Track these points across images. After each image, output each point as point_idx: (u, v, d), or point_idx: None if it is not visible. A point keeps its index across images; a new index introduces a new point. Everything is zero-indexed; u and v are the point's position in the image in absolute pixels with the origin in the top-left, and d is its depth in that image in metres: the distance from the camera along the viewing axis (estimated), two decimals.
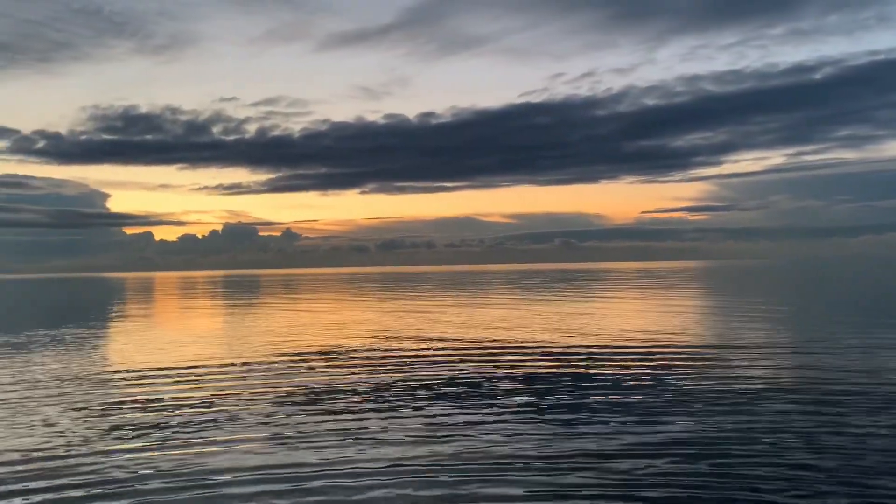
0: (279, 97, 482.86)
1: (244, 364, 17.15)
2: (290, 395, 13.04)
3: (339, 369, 16.07)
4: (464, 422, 10.54)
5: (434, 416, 10.97)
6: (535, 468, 8.17)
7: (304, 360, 17.61)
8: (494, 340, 21.12)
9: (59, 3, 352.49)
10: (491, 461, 8.47)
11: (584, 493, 7.34)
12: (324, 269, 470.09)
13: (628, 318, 28.39)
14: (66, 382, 14.93)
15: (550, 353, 17.90)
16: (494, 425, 10.28)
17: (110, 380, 15.29)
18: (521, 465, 8.30)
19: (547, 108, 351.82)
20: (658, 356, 16.98)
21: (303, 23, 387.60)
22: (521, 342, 20.51)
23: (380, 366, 16.49)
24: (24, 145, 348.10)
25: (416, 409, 11.53)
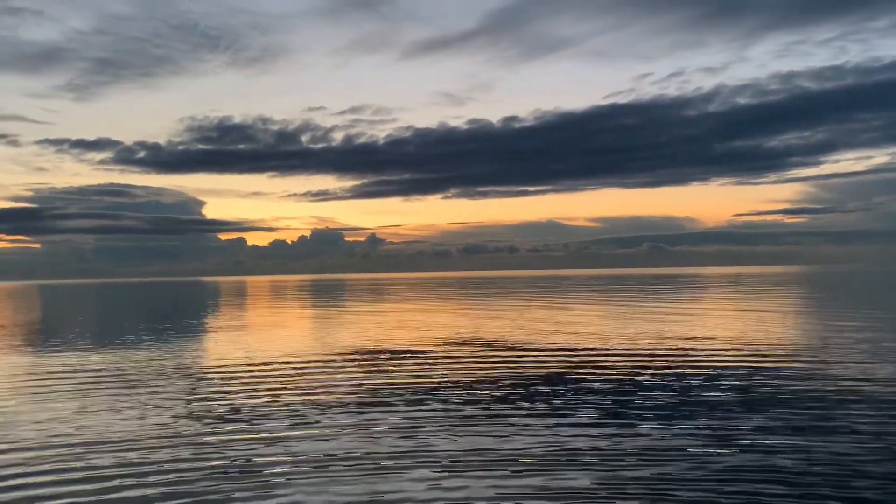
0: (364, 105, 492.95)
1: (332, 361, 17.78)
2: (372, 390, 13.45)
3: (425, 368, 16.41)
4: (553, 423, 10.65)
5: (517, 415, 11.15)
6: (614, 464, 8.22)
7: (389, 359, 18.06)
8: (581, 344, 21.00)
9: (160, 20, 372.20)
10: (561, 461, 8.58)
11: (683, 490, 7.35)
12: (407, 273, 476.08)
13: (721, 323, 27.62)
14: (167, 375, 15.99)
15: (638, 357, 17.69)
16: (571, 427, 10.36)
17: (208, 373, 16.23)
18: (593, 459, 8.38)
19: (634, 109, 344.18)
20: (752, 363, 16.53)
21: (387, 32, 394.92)
22: (610, 346, 20.31)
23: (465, 365, 16.73)
24: (126, 156, 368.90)
25: (497, 407, 11.74)
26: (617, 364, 16.72)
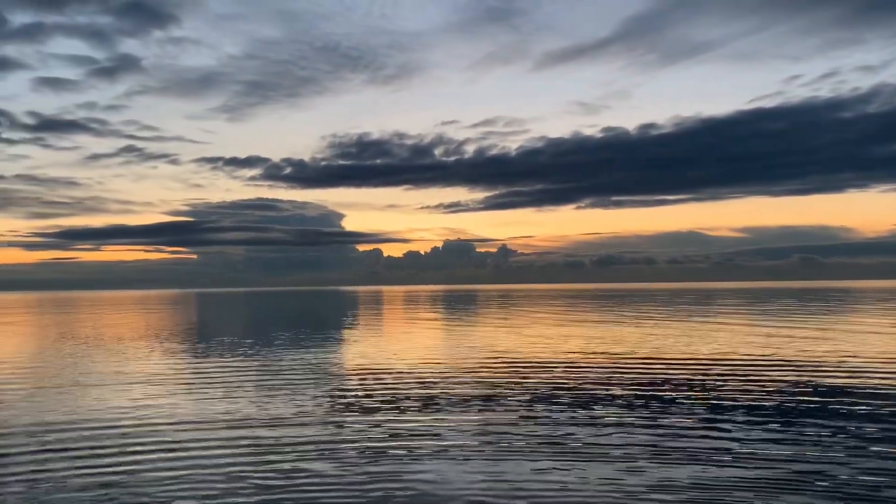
0: (497, 118, 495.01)
1: (462, 367, 17.66)
2: (493, 398, 13.21)
3: (556, 380, 15.90)
4: (711, 447, 9.85)
5: (663, 427, 10.41)
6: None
7: (518, 370, 17.67)
8: (726, 359, 19.64)
9: (304, 43, 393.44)
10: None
11: None
12: (538, 284, 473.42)
13: (883, 342, 24.99)
14: (313, 372, 16.82)
15: (802, 372, 16.23)
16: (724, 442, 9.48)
17: (348, 373, 16.77)
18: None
19: (782, 112, 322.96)
20: None
21: (520, 44, 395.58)
22: (758, 363, 18.86)
23: (602, 378, 16.05)
24: (273, 172, 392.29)
25: (638, 421, 11.03)
26: (780, 378, 15.39)
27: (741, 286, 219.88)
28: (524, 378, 16.53)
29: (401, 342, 26.93)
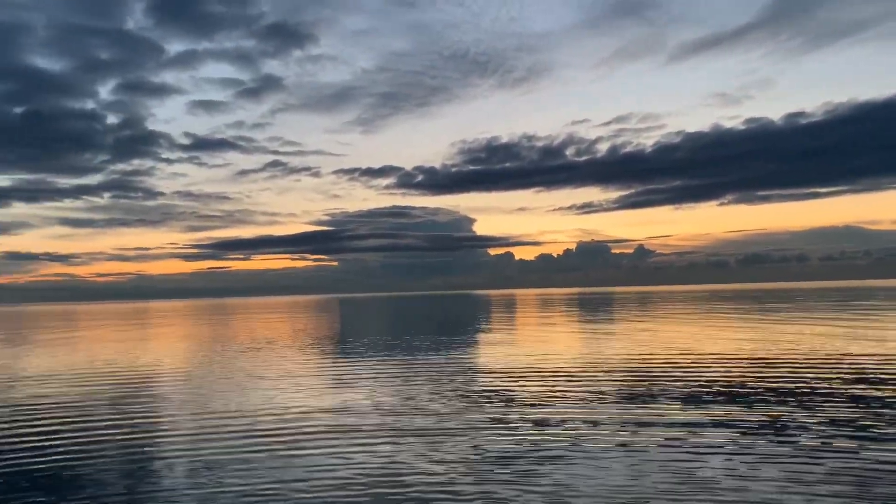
0: (630, 114, 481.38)
1: (597, 371, 17.55)
2: (624, 401, 13.03)
3: (699, 388, 15.48)
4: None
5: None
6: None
7: (658, 374, 17.33)
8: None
9: (434, 52, 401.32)
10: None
11: None
12: (678, 286, 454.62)
13: None
14: (447, 374, 17.21)
15: None
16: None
17: (481, 373, 17.10)
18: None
19: None
20: None
21: (653, 36, 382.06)
22: None
23: (756, 387, 15.45)
24: (406, 180, 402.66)
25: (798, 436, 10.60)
26: None
27: None
28: (677, 377, 16.24)
29: (544, 343, 27.05)
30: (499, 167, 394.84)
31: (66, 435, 11.55)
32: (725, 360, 19.45)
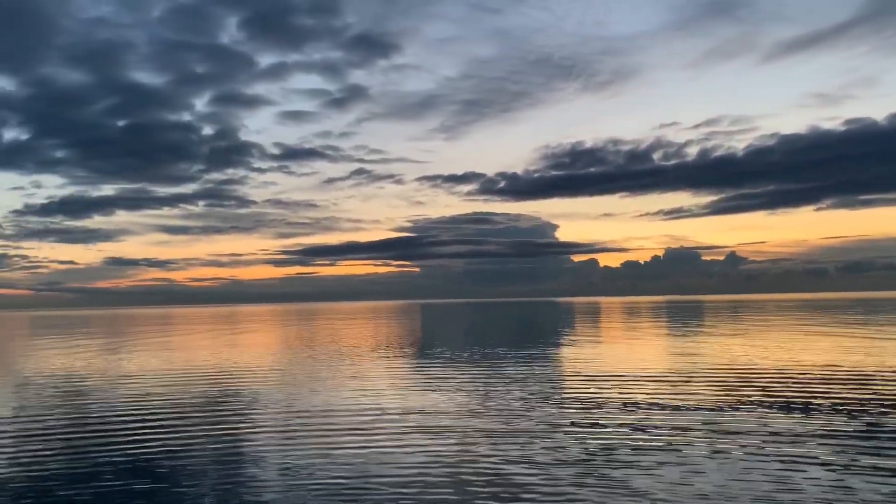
0: (721, 116, 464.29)
1: (687, 379, 17.09)
2: (709, 408, 12.61)
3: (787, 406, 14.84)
4: None
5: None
6: None
7: (752, 383, 16.71)
8: None
9: (517, 58, 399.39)
10: None
11: None
12: (772, 294, 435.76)
13: None
14: (531, 379, 17.18)
15: None
16: None
17: (566, 378, 16.98)
18: None
19: None
20: None
21: (746, 36, 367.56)
22: None
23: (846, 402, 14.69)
24: (488, 186, 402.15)
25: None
26: None
27: None
28: (773, 387, 15.68)
29: (631, 350, 26.61)
30: (583, 172, 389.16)
31: (165, 429, 12.23)
32: (825, 371, 18.59)
